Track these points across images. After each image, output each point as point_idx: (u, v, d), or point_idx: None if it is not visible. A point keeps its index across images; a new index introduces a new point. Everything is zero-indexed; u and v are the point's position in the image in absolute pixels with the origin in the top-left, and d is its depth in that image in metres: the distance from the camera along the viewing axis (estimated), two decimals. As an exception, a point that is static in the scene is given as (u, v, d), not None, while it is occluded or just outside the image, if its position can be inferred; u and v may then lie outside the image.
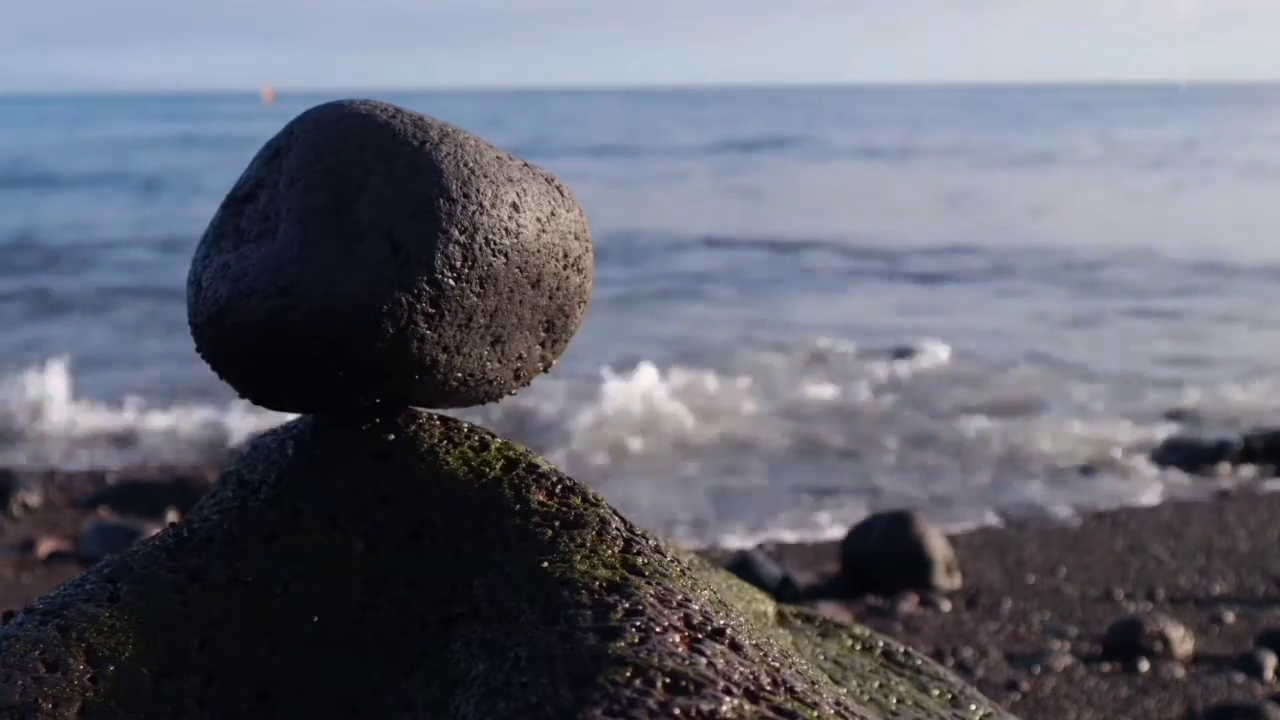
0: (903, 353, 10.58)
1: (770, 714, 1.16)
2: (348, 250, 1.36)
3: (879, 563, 5.42)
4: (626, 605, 1.27)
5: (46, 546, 5.95)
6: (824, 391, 9.40)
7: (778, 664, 1.29)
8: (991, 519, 6.70)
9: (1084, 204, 23.24)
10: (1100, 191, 25.30)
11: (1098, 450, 7.92)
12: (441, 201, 1.38)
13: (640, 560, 1.36)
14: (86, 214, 22.10)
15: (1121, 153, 36.18)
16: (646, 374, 9.21)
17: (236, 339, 1.41)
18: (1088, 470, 7.54)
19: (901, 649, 1.82)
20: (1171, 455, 7.71)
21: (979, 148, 38.81)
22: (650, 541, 1.42)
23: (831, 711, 1.24)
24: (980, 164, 32.09)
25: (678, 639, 1.23)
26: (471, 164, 1.41)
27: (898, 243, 17.81)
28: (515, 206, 1.42)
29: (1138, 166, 31.04)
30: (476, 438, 1.51)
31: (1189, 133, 45.73)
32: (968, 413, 8.84)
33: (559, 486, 1.45)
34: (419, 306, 1.37)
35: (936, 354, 10.55)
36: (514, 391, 1.54)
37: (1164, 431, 8.22)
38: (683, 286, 14.60)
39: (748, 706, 1.16)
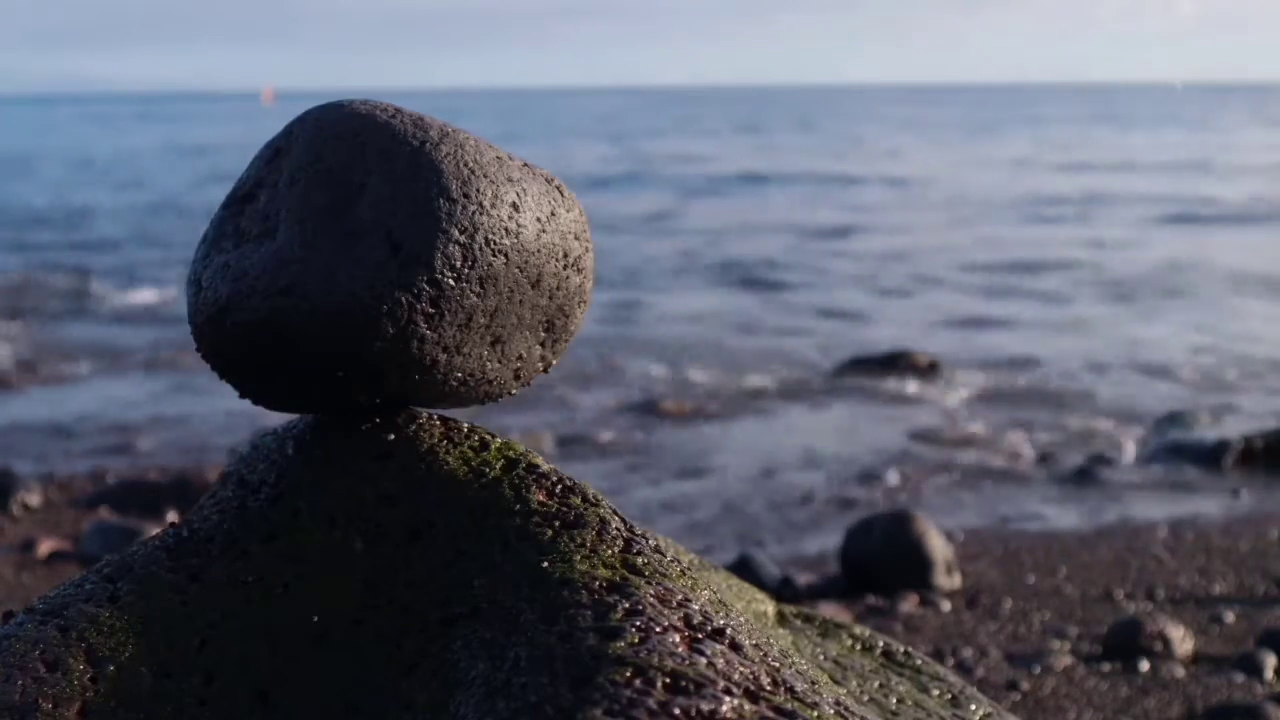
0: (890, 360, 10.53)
1: (770, 714, 1.16)
2: (348, 250, 1.36)
3: (879, 563, 5.42)
4: (626, 605, 1.27)
5: (46, 546, 5.95)
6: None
7: (778, 664, 1.29)
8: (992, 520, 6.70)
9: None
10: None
11: (1096, 448, 7.92)
12: (441, 201, 1.38)
13: (640, 560, 1.36)
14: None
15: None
16: None
17: (236, 339, 1.41)
18: (1087, 468, 7.54)
19: (901, 649, 1.82)
20: (1171, 454, 7.71)
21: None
22: (650, 541, 1.42)
23: (831, 711, 1.24)
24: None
25: (678, 639, 1.23)
26: (471, 164, 1.41)
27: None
28: (515, 206, 1.42)
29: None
30: (476, 438, 1.51)
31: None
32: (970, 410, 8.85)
33: (559, 486, 1.45)
34: (419, 306, 1.37)
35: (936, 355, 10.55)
36: (514, 392, 1.54)
37: (1163, 430, 8.22)
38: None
39: (748, 706, 1.16)
